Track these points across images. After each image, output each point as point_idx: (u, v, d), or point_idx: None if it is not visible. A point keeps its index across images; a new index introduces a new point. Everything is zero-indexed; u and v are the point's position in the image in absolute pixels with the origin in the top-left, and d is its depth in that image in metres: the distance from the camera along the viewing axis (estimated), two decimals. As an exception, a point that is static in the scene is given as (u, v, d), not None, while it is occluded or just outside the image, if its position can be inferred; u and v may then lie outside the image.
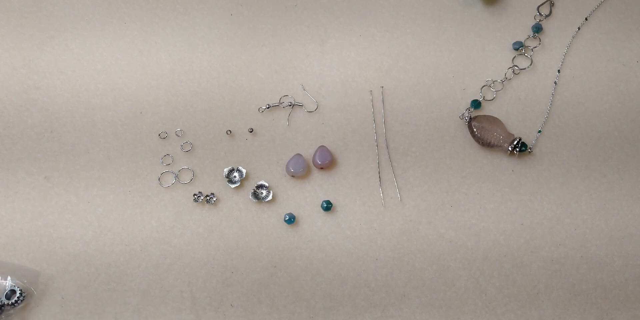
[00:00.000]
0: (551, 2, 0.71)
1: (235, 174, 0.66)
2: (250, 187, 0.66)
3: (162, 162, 0.67)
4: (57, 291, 0.63)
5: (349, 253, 0.64)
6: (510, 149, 0.66)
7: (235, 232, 0.65)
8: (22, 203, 0.65)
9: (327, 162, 0.66)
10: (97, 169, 0.66)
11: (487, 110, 0.68)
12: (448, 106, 0.68)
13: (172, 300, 0.63)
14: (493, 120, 0.67)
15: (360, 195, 0.66)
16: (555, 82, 0.69)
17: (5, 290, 0.61)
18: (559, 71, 0.69)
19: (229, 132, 0.67)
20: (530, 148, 0.66)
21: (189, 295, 0.63)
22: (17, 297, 0.61)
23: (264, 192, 0.66)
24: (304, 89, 0.69)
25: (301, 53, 0.70)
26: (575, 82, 0.69)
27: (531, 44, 0.70)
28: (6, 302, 0.61)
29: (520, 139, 0.66)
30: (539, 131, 0.68)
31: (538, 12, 0.71)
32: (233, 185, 0.65)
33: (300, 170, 0.66)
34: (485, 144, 0.66)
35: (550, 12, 0.71)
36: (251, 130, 0.67)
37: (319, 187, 0.66)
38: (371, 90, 0.69)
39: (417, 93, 0.69)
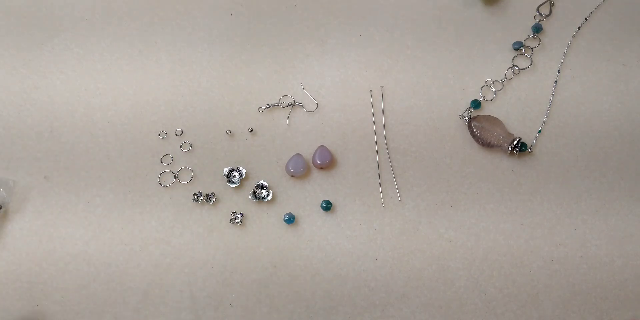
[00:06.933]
0: (551, 2, 0.71)
1: (235, 173, 0.66)
2: (250, 187, 0.66)
3: (162, 162, 0.67)
4: (57, 291, 0.63)
5: (349, 253, 0.64)
6: (510, 149, 0.66)
7: (235, 232, 0.65)
8: (22, 203, 0.65)
9: (327, 162, 0.66)
10: (97, 169, 0.66)
11: (487, 110, 0.68)
12: (448, 106, 0.68)
13: (172, 300, 0.63)
14: (493, 120, 0.67)
15: (360, 195, 0.66)
16: (555, 82, 0.69)
17: None
18: (559, 71, 0.69)
19: (228, 132, 0.67)
20: (530, 148, 0.66)
21: (189, 295, 0.63)
22: None
23: (264, 192, 0.66)
24: (303, 89, 0.69)
25: (301, 53, 0.70)
26: (575, 82, 0.69)
27: (531, 44, 0.70)
28: None
29: (520, 139, 0.66)
30: (539, 131, 0.68)
31: (538, 12, 0.71)
32: (233, 185, 0.65)
33: (300, 170, 0.66)
34: (485, 144, 0.66)
35: (550, 12, 0.71)
36: (251, 130, 0.67)
37: (319, 187, 0.66)
38: (371, 90, 0.69)
39: (417, 93, 0.69)
